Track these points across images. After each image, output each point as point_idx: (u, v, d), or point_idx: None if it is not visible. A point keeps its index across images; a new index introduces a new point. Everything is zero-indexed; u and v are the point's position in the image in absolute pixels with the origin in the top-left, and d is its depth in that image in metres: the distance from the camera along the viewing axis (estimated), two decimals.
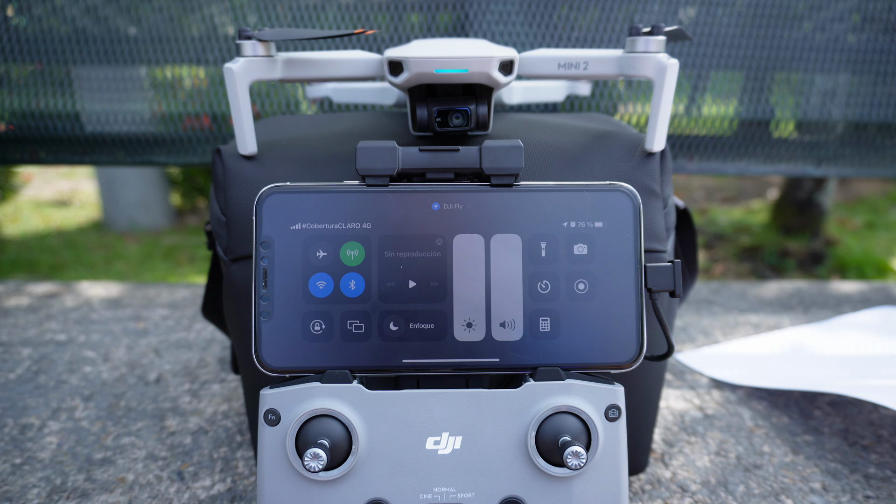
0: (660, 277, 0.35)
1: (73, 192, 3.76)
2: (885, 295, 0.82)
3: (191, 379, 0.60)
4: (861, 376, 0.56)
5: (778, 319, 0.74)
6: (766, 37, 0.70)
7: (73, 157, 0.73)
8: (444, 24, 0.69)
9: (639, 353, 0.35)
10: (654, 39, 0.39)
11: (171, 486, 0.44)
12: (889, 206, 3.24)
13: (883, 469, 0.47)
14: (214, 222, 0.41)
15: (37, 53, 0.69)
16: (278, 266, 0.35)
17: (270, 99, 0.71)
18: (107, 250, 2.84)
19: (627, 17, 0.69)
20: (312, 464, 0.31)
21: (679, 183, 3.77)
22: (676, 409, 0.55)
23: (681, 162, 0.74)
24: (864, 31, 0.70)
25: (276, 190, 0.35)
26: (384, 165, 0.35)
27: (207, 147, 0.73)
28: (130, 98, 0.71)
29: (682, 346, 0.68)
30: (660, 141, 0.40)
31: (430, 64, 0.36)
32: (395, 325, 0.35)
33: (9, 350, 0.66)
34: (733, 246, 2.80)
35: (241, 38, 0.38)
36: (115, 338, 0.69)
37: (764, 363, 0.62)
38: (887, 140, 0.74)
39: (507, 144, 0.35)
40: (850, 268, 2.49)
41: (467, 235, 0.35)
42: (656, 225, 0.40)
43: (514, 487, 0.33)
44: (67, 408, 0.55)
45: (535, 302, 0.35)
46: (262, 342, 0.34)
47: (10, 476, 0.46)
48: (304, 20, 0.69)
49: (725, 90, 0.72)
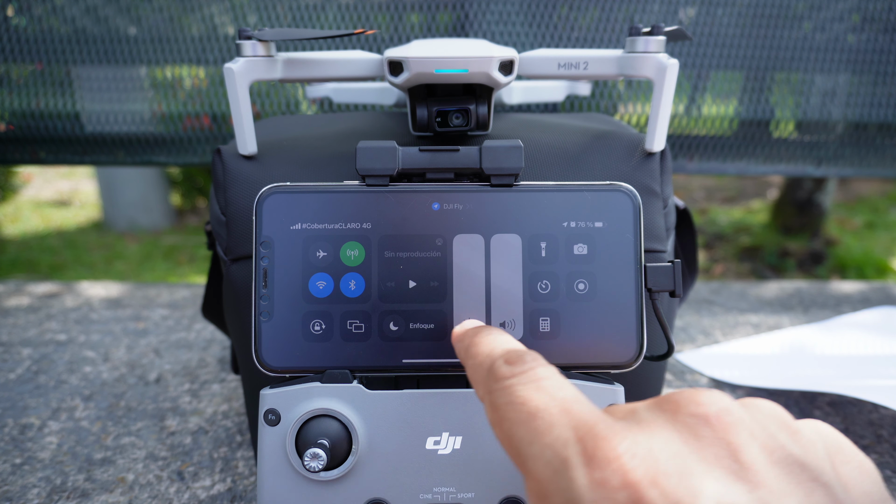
0: (660, 277, 0.35)
1: (73, 192, 3.77)
2: (885, 295, 0.82)
3: (191, 379, 0.60)
4: (861, 376, 0.56)
5: (778, 319, 0.74)
6: (766, 37, 0.70)
7: (73, 157, 0.73)
8: (444, 24, 0.69)
9: (639, 353, 0.35)
10: (654, 39, 0.39)
11: (171, 486, 0.44)
12: (889, 206, 3.24)
13: (883, 469, 0.47)
14: (214, 222, 0.41)
15: (37, 53, 0.69)
16: (278, 266, 0.35)
17: (270, 99, 0.71)
18: (107, 250, 2.84)
19: (627, 17, 0.69)
20: (312, 464, 0.31)
21: (679, 183, 3.77)
22: None
23: (681, 162, 0.74)
24: (864, 31, 0.70)
25: (276, 190, 0.35)
26: (384, 165, 0.35)
27: (207, 147, 0.73)
28: (130, 98, 0.71)
29: (682, 346, 0.68)
30: (660, 141, 0.40)
31: (430, 64, 0.36)
32: (395, 325, 0.35)
33: (9, 350, 0.66)
34: (733, 246, 2.80)
35: (241, 38, 0.38)
36: (115, 338, 0.69)
37: (764, 363, 0.62)
38: (887, 140, 0.74)
39: (507, 144, 0.35)
40: (849, 268, 2.49)
41: (467, 235, 0.35)
42: (656, 225, 0.40)
43: (515, 487, 0.33)
44: (67, 408, 0.55)
45: (535, 302, 0.35)
46: (262, 342, 0.34)
47: (10, 476, 0.46)
48: (304, 20, 0.69)
49: (725, 90, 0.72)
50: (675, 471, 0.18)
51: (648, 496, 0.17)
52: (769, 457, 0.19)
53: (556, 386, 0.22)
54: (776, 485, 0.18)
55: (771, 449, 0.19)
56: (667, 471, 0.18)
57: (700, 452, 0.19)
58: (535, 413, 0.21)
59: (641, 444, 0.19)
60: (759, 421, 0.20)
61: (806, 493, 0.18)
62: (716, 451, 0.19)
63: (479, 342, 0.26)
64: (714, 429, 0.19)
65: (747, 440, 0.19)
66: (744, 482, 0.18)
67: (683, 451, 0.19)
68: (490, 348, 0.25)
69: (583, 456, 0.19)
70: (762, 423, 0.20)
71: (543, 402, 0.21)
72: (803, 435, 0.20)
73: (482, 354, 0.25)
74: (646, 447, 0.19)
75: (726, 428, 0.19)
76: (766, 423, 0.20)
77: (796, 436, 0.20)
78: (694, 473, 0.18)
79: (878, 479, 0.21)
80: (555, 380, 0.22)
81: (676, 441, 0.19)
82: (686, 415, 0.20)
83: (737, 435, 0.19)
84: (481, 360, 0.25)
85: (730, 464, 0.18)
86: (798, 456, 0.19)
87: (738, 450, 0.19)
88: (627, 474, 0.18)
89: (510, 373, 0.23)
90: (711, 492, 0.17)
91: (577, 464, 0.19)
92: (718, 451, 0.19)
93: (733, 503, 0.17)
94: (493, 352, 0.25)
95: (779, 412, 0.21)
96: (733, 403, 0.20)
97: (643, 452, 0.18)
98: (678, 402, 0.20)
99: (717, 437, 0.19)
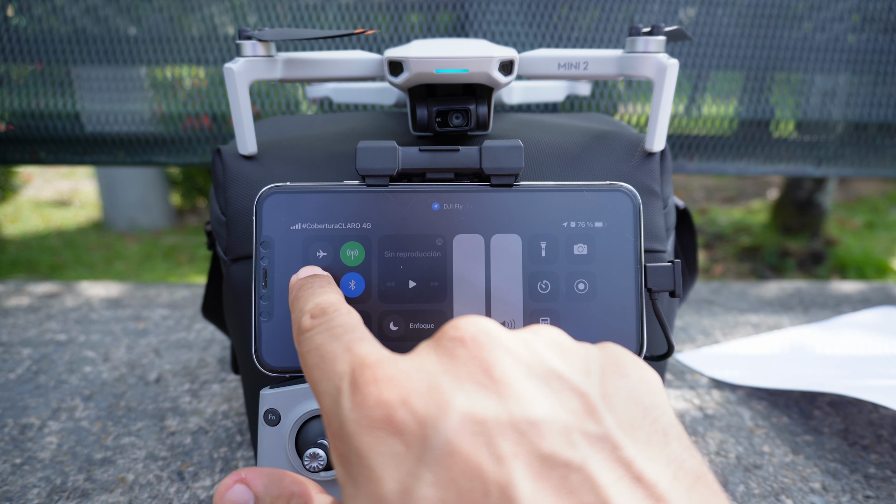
0: (660, 277, 0.35)
1: (73, 192, 3.77)
2: (885, 295, 0.82)
3: (191, 379, 0.60)
4: (861, 376, 0.56)
5: (778, 319, 0.74)
6: (766, 37, 0.70)
7: (73, 157, 0.73)
8: (444, 24, 0.69)
9: (639, 353, 0.35)
10: (654, 39, 0.39)
11: (171, 486, 0.44)
12: (889, 206, 3.24)
13: (883, 469, 0.47)
14: (214, 222, 0.41)
15: (37, 53, 0.69)
16: (278, 266, 0.35)
17: (270, 99, 0.71)
18: (107, 250, 2.84)
19: (627, 17, 0.69)
20: (312, 464, 0.31)
21: (679, 183, 3.77)
22: (676, 408, 0.55)
23: (681, 162, 0.74)
24: (864, 31, 0.70)
25: (276, 190, 0.35)
26: (384, 165, 0.35)
27: (207, 147, 0.73)
28: (130, 98, 0.71)
29: (682, 346, 0.68)
30: (660, 141, 0.40)
31: (430, 64, 0.36)
32: (395, 325, 0.35)
33: (9, 350, 0.66)
34: (733, 246, 2.80)
35: (241, 38, 0.38)
36: (115, 338, 0.69)
37: (764, 363, 0.62)
38: (887, 140, 0.74)
39: (507, 144, 0.35)
40: (850, 268, 2.49)
41: (467, 235, 0.35)
42: (656, 225, 0.40)
43: None
44: (67, 408, 0.55)
45: (535, 302, 0.35)
46: (262, 342, 0.34)
47: (10, 476, 0.46)
48: (304, 20, 0.69)
49: (725, 90, 0.72)
50: (425, 388, 0.19)
51: (398, 414, 0.19)
52: (526, 371, 0.20)
53: (346, 330, 0.24)
54: (528, 394, 0.19)
55: (529, 364, 0.20)
56: (418, 389, 0.19)
57: (453, 371, 0.20)
58: (324, 355, 0.23)
59: (401, 368, 0.20)
60: (525, 340, 0.21)
61: (559, 401, 0.19)
62: (469, 368, 0.20)
63: (298, 296, 0.28)
64: (468, 348, 0.20)
65: (501, 356, 0.20)
66: (493, 393, 0.19)
67: (437, 370, 0.20)
68: (303, 303, 0.27)
69: (350, 384, 0.21)
70: (527, 341, 0.21)
71: (332, 345, 0.23)
72: (572, 352, 0.22)
73: (297, 309, 0.27)
74: (404, 371, 0.20)
75: (480, 347, 0.20)
76: (532, 341, 0.21)
77: (566, 353, 0.21)
78: (444, 390, 0.19)
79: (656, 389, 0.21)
80: (346, 326, 0.24)
81: (434, 363, 0.20)
82: (446, 339, 0.21)
83: (490, 352, 0.20)
84: (295, 315, 0.27)
85: (481, 378, 0.20)
86: (556, 368, 0.20)
87: (491, 365, 0.20)
88: (382, 394, 0.20)
89: (310, 325, 0.25)
90: (459, 404, 0.19)
91: (345, 391, 0.21)
92: (471, 369, 0.20)
93: (481, 412, 0.18)
94: (304, 306, 0.27)
95: (554, 334, 0.22)
96: (493, 325, 0.21)
97: (401, 376, 0.20)
98: (443, 329, 0.22)
99: (470, 355, 0.20)
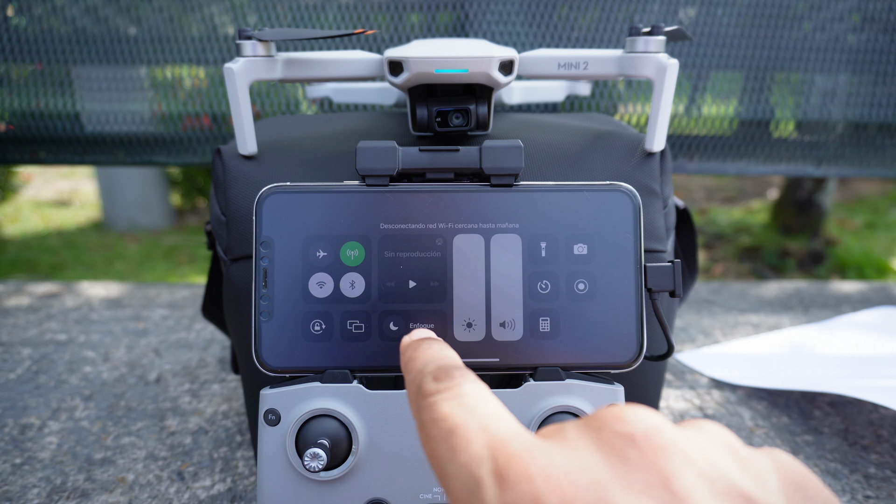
0: (660, 277, 0.35)
1: (73, 192, 3.76)
2: (885, 295, 0.82)
3: (191, 379, 0.60)
4: (861, 376, 0.56)
5: (778, 319, 0.74)
6: (766, 37, 0.70)
7: (73, 157, 0.73)
8: (444, 24, 0.69)
9: (639, 353, 0.35)
10: (654, 39, 0.39)
11: (171, 486, 0.44)
12: (889, 206, 3.24)
13: (883, 469, 0.47)
14: (214, 222, 0.41)
15: (37, 53, 0.69)
16: (278, 266, 0.35)
17: (270, 99, 0.71)
18: (107, 250, 2.84)
19: (627, 17, 0.69)
20: (312, 464, 0.31)
21: (679, 183, 3.77)
22: (676, 409, 0.55)
23: (681, 162, 0.74)
24: (864, 31, 0.70)
25: (276, 190, 0.35)
26: (384, 165, 0.35)
27: (207, 147, 0.73)
28: (130, 98, 0.71)
29: (682, 346, 0.68)
30: (660, 141, 0.40)
31: (430, 64, 0.36)
32: (395, 325, 0.35)
33: (9, 350, 0.66)
34: (733, 246, 2.80)
35: (241, 38, 0.38)
36: (115, 338, 0.69)
37: (764, 363, 0.62)
38: (887, 140, 0.74)
39: (507, 144, 0.35)
40: (849, 268, 2.49)
41: (467, 235, 0.35)
42: (656, 225, 0.40)
43: None
44: (67, 408, 0.55)
45: (535, 302, 0.35)
46: (262, 342, 0.34)
47: (10, 476, 0.46)
48: (304, 20, 0.69)
49: (725, 90, 0.72)
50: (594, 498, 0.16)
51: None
52: (709, 487, 0.17)
53: (478, 402, 0.21)
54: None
55: (712, 478, 0.17)
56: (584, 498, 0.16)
57: (625, 478, 0.17)
58: (453, 430, 0.20)
59: (559, 465, 0.17)
60: (699, 445, 0.18)
61: None
62: (644, 476, 0.17)
63: (415, 357, 0.25)
64: (641, 451, 0.17)
65: (681, 466, 0.17)
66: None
67: (605, 476, 0.17)
68: (423, 364, 0.24)
69: (494, 475, 0.18)
70: (703, 447, 0.18)
71: (463, 418, 0.20)
72: (753, 464, 0.18)
73: (415, 370, 0.24)
74: (563, 469, 0.17)
75: (656, 451, 0.17)
76: (707, 447, 0.18)
77: (744, 464, 0.18)
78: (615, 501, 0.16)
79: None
80: (478, 396, 0.21)
81: (599, 463, 0.17)
82: (610, 433, 0.18)
83: (669, 459, 0.17)
84: (413, 377, 0.24)
85: (660, 493, 0.16)
86: (744, 488, 0.17)
87: (671, 477, 0.17)
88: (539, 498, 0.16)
89: (435, 389, 0.22)
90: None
91: (488, 484, 0.17)
92: (647, 478, 0.17)
93: None
94: (425, 368, 0.24)
95: (725, 435, 0.19)
96: (664, 422, 0.18)
97: (559, 474, 0.17)
98: (603, 419, 0.19)
99: (645, 460, 0.17)
